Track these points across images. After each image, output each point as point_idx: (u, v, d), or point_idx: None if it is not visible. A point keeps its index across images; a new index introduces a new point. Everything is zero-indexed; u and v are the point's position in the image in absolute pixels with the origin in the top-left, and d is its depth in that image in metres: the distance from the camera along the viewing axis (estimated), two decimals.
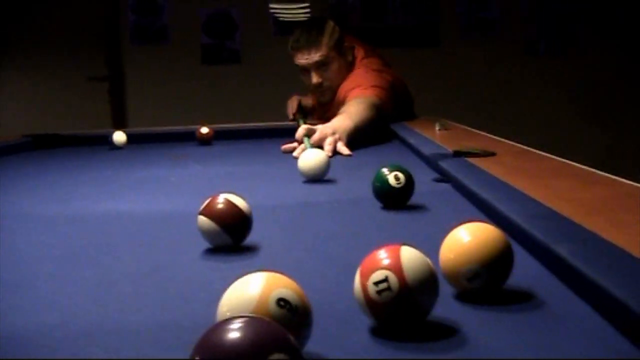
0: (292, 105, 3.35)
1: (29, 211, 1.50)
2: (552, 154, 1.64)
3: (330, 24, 2.95)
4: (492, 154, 1.67)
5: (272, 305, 0.59)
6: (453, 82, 4.81)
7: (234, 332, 0.49)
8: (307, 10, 4.85)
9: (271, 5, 4.87)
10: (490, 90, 4.82)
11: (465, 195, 1.35)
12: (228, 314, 0.61)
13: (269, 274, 0.62)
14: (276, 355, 0.48)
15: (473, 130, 2.48)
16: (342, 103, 2.77)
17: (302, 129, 2.31)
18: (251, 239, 1.09)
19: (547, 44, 4.83)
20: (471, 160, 1.58)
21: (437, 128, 2.48)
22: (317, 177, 1.72)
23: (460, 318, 0.73)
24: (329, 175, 1.73)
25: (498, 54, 4.83)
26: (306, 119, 3.00)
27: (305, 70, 2.93)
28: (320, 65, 2.88)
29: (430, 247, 0.76)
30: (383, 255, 0.69)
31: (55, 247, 1.16)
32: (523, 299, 0.78)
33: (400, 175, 1.33)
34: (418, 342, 0.67)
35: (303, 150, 2.20)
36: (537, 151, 1.71)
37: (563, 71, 4.81)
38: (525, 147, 1.79)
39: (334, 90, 2.90)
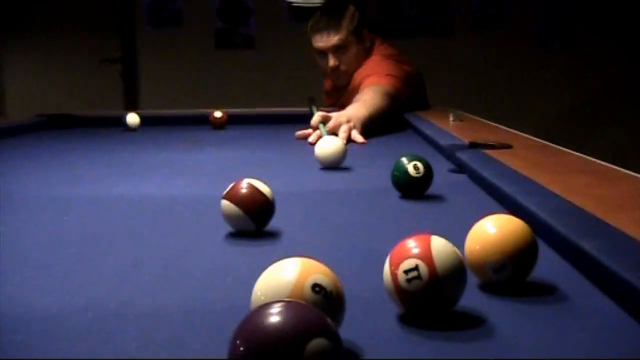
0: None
1: (48, 192, 1.52)
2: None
3: (352, 8, 2.95)
4: (509, 147, 1.68)
5: (308, 291, 0.60)
6: (465, 74, 4.80)
7: (276, 317, 0.50)
8: None
9: None
10: (501, 82, 4.82)
11: (483, 187, 1.36)
12: (262, 298, 0.62)
13: (304, 259, 0.63)
14: (317, 340, 0.49)
15: (487, 121, 2.48)
16: (356, 89, 2.77)
17: (318, 115, 2.31)
18: (273, 224, 1.10)
19: (561, 39, 4.82)
20: (488, 152, 1.59)
21: (451, 119, 2.48)
22: (334, 165, 1.73)
23: (485, 308, 0.74)
24: (345, 164, 1.74)
25: (510, 46, 4.82)
26: (318, 106, 3.01)
27: (323, 53, 2.93)
28: (338, 49, 2.88)
29: (451, 237, 0.77)
30: (413, 245, 0.70)
31: (78, 229, 1.18)
32: (546, 292, 0.79)
33: (420, 165, 1.34)
34: (444, 331, 0.69)
35: (319, 136, 2.21)
36: (554, 145, 1.72)
37: (575, 66, 4.80)
38: (541, 141, 1.80)
39: (350, 74, 2.91)
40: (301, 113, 3.01)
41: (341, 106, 2.83)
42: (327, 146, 1.74)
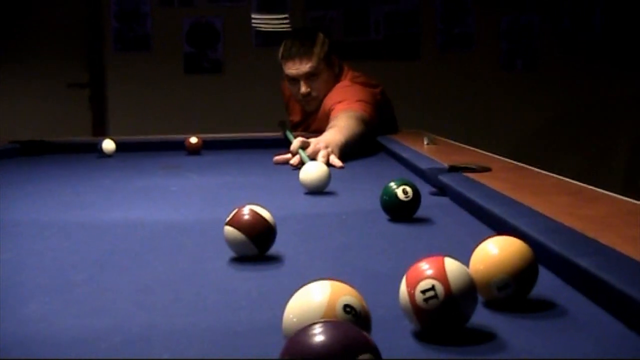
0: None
1: (40, 218, 1.53)
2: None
3: (321, 35, 3.01)
4: (488, 170, 1.74)
5: (340, 311, 0.64)
6: (432, 95, 4.91)
7: (324, 335, 0.54)
8: (287, 22, 4.92)
9: (253, 17, 4.93)
10: (467, 103, 4.93)
11: (467, 209, 1.42)
12: (295, 320, 0.66)
13: (332, 282, 0.67)
14: (364, 355, 0.54)
15: (460, 144, 2.55)
16: (327, 114, 2.83)
17: (297, 141, 2.35)
18: (272, 248, 1.14)
19: (523, 60, 4.96)
20: (469, 175, 1.65)
21: (425, 142, 2.55)
22: (319, 189, 1.77)
23: (492, 324, 0.79)
24: (329, 188, 1.78)
25: (475, 68, 4.94)
26: (290, 130, 3.06)
27: (294, 79, 2.98)
28: (309, 76, 2.94)
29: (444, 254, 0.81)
30: (428, 266, 0.75)
31: (81, 254, 1.20)
32: (547, 307, 0.84)
33: (409, 189, 1.39)
34: (458, 346, 0.73)
35: (299, 161, 2.26)
36: (531, 167, 1.79)
37: (536, 86, 4.94)
38: (517, 163, 1.87)
39: (320, 100, 2.97)
40: (274, 137, 3.06)
41: (311, 131, 2.90)
42: (312, 171, 1.79)
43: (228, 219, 1.12)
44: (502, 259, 0.83)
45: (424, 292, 0.73)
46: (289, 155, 2.37)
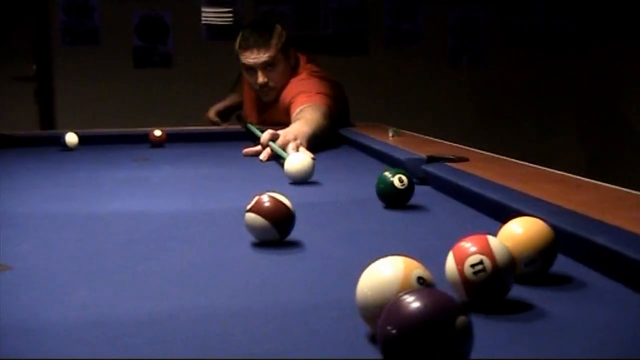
0: (215, 109, 3.45)
1: (40, 210, 1.55)
2: None
3: (278, 27, 3.07)
4: (466, 160, 1.83)
5: (414, 283, 0.72)
6: (380, 89, 5.02)
7: (424, 301, 0.62)
8: (234, 16, 4.94)
9: (203, 10, 4.94)
10: (415, 97, 5.06)
11: (457, 196, 1.51)
12: (369, 293, 0.73)
13: (404, 258, 0.74)
14: (461, 317, 0.61)
15: (424, 136, 2.65)
16: (285, 106, 2.90)
17: (267, 133, 2.40)
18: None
19: (469, 55, 5.13)
20: (450, 165, 1.74)
21: (390, 134, 2.64)
22: (304, 180, 1.84)
23: (523, 295, 0.87)
24: (318, 177, 1.85)
25: (422, 63, 5.08)
26: (248, 122, 3.10)
27: (252, 69, 3.03)
28: (267, 66, 2.99)
29: (450, 239, 0.90)
30: (475, 243, 0.83)
31: (99, 244, 1.24)
32: (565, 281, 0.93)
33: (404, 178, 1.47)
34: (502, 314, 0.81)
35: (269, 154, 2.32)
36: (505, 157, 1.89)
37: (482, 80, 5.12)
38: (491, 154, 1.97)
39: (278, 91, 3.02)
40: (235, 131, 3.11)
41: (267, 124, 2.96)
42: (298, 162, 1.85)
43: (249, 206, 1.18)
44: (530, 237, 0.92)
45: (473, 266, 0.81)
46: (258, 148, 2.42)
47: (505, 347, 0.73)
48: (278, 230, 1.17)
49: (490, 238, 0.84)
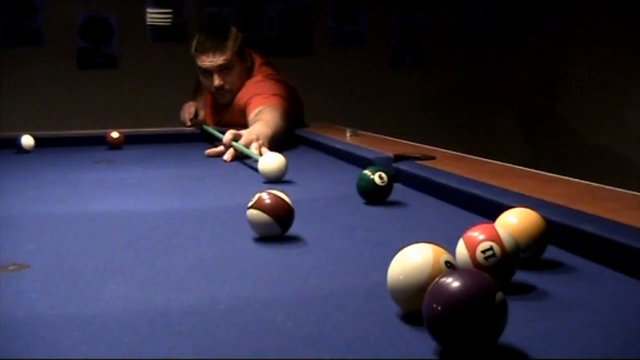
0: (189, 111, 3.44)
1: (35, 211, 1.58)
2: None
3: (234, 30, 3.13)
4: (432, 158, 1.93)
5: (443, 266, 0.80)
6: (325, 90, 5.11)
7: (467, 279, 0.70)
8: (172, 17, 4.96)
9: (148, 12, 4.94)
10: (359, 98, 5.17)
11: (431, 192, 1.61)
12: (402, 277, 0.81)
13: (432, 245, 0.83)
14: (499, 293, 0.70)
15: (381, 136, 2.74)
16: (241, 107, 2.96)
17: (230, 134, 2.45)
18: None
19: (411, 56, 5.27)
20: (420, 163, 1.84)
21: (348, 134, 2.73)
22: (278, 179, 1.90)
23: (522, 278, 0.97)
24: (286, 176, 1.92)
25: (366, 64, 5.20)
26: (205, 123, 3.14)
27: (207, 72, 3.07)
28: (223, 69, 3.04)
29: (434, 230, 0.98)
30: (484, 231, 0.92)
31: (108, 242, 1.28)
32: (555, 265, 1.03)
33: (384, 175, 1.56)
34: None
35: (233, 154, 2.38)
36: (470, 156, 2.00)
37: (423, 80, 5.28)
38: (456, 153, 2.07)
39: (234, 93, 3.08)
40: (191, 132, 3.15)
41: (222, 125, 3.01)
42: (272, 161, 1.92)
43: (251, 203, 1.25)
44: (526, 226, 1.01)
45: (484, 251, 0.90)
46: (221, 148, 2.47)
47: (512, 322, 0.81)
48: (280, 225, 1.24)
49: (498, 227, 0.93)
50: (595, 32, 4.82)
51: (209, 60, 3.03)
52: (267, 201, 1.24)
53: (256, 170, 2.03)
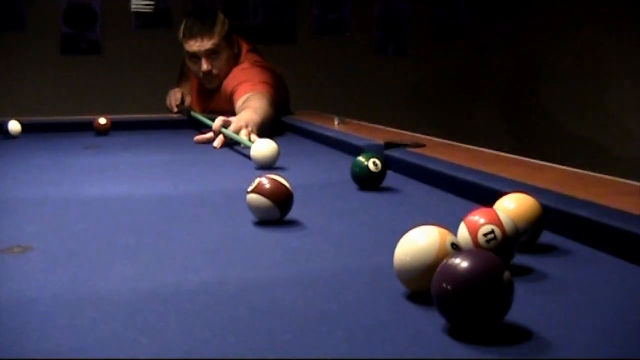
0: (175, 98, 3.43)
1: (32, 195, 1.59)
2: None
3: (221, 15, 3.14)
4: (423, 145, 1.96)
5: (449, 248, 0.83)
6: (309, 77, 5.13)
7: (476, 259, 0.73)
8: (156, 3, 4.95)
9: None
10: (343, 85, 5.20)
11: (427, 180, 1.63)
12: (408, 259, 0.84)
13: (438, 227, 0.86)
14: (506, 272, 0.73)
15: (367, 124, 2.77)
16: (228, 94, 2.97)
17: (220, 120, 2.47)
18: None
19: (395, 45, 5.31)
20: (411, 150, 1.87)
21: (336, 122, 2.75)
22: (270, 165, 1.92)
23: (521, 261, 1.00)
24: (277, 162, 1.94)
25: (350, 52, 5.22)
26: (192, 110, 3.15)
27: (195, 57, 3.08)
28: (211, 54, 3.05)
29: (429, 215, 1.02)
30: (485, 216, 0.95)
31: (110, 225, 1.30)
32: (551, 249, 1.07)
33: (378, 162, 1.59)
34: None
35: (223, 141, 2.39)
36: (459, 144, 2.03)
37: (407, 69, 5.31)
38: (446, 141, 2.11)
39: (221, 78, 3.09)
40: (174, 119, 3.16)
41: (209, 111, 3.02)
42: (265, 148, 1.94)
43: (251, 188, 1.27)
44: (523, 211, 1.05)
45: (485, 235, 0.93)
46: (210, 135, 2.48)
47: (514, 302, 0.84)
48: (280, 209, 1.26)
49: (498, 211, 0.96)
50: (577, 22, 4.89)
51: (197, 45, 3.04)
52: (268, 186, 1.26)
53: (247, 156, 2.05)
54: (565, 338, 0.74)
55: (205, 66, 3.06)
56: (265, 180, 1.28)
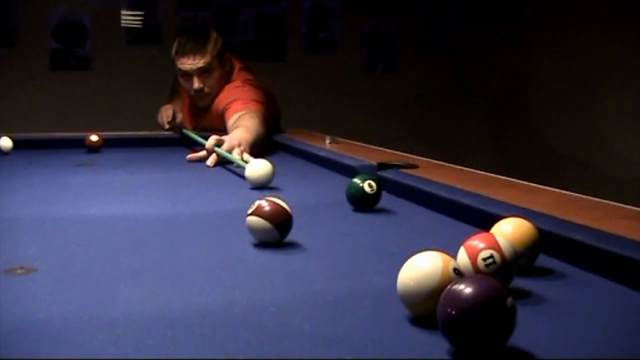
0: (167, 114, 3.43)
1: (30, 214, 1.60)
2: None
3: (214, 33, 3.16)
4: (415, 166, 1.99)
5: (451, 273, 0.86)
6: (298, 95, 5.17)
7: (480, 285, 0.75)
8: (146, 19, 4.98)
9: (123, 14, 4.94)
10: (332, 103, 5.24)
11: (421, 201, 1.66)
12: (412, 284, 0.86)
13: (440, 252, 0.88)
14: (509, 298, 0.76)
15: (360, 143, 2.80)
16: (219, 112, 3.00)
17: (213, 139, 2.49)
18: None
19: (383, 63, 5.36)
20: (405, 171, 1.90)
21: (327, 141, 2.78)
22: (265, 185, 1.95)
23: (518, 284, 1.03)
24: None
25: (338, 70, 5.27)
26: (183, 128, 3.17)
27: (187, 75, 3.10)
28: (203, 72, 3.07)
29: (426, 237, 1.05)
30: (484, 240, 0.97)
31: (109, 245, 1.31)
32: (549, 272, 1.10)
33: (373, 183, 1.61)
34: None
35: (216, 159, 2.41)
36: (452, 165, 2.06)
37: (395, 87, 5.37)
38: (438, 162, 2.14)
39: (213, 96, 3.11)
40: (166, 136, 3.17)
41: (200, 129, 3.05)
42: (259, 168, 1.96)
43: (251, 210, 1.29)
44: (521, 235, 1.08)
45: (485, 259, 0.96)
46: (203, 153, 2.50)
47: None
48: (279, 231, 1.28)
49: (497, 235, 0.99)
50: (562, 38, 4.96)
51: (189, 63, 3.06)
52: (267, 208, 1.29)
53: (240, 175, 2.07)
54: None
55: (197, 84, 3.08)
56: (264, 203, 1.30)
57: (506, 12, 5.40)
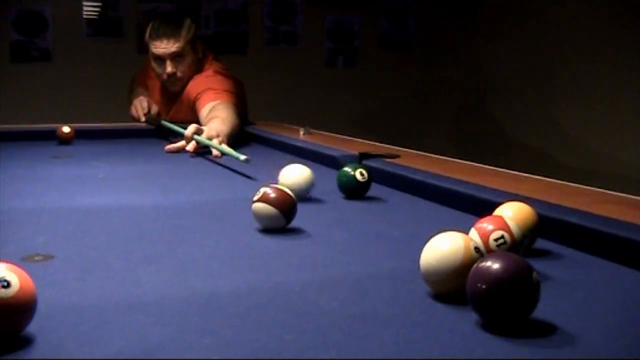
0: (142, 106, 3.39)
1: (28, 205, 1.60)
2: None
3: (188, 20, 3.19)
4: (397, 156, 2.05)
5: (473, 252, 0.91)
6: (260, 88, 5.19)
7: (508, 261, 0.81)
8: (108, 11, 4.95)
9: (84, 5, 4.89)
10: (293, 96, 5.27)
11: (408, 189, 1.72)
12: (434, 263, 0.92)
13: (461, 233, 0.94)
14: (534, 273, 0.82)
15: (333, 134, 2.85)
16: (191, 101, 3.03)
17: (192, 127, 2.52)
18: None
19: (344, 57, 5.42)
20: (391, 161, 1.95)
21: (301, 133, 2.82)
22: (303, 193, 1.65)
23: None
24: (251, 172, 2.00)
25: (300, 64, 5.31)
26: (161, 118, 3.17)
27: (160, 59, 3.12)
28: (175, 56, 3.10)
29: (420, 223, 1.10)
30: (495, 222, 1.04)
31: (117, 235, 1.34)
32: (545, 253, 1.16)
33: (364, 172, 1.67)
34: None
35: (195, 147, 2.44)
36: (432, 155, 2.13)
37: (356, 80, 5.43)
38: (418, 152, 2.20)
39: (184, 82, 3.15)
40: (137, 128, 3.17)
41: (170, 118, 3.07)
42: (298, 174, 1.66)
43: (257, 197, 1.33)
44: (523, 218, 1.14)
45: (496, 240, 1.02)
46: (182, 143, 2.53)
47: None
48: (285, 217, 1.33)
49: (506, 218, 1.05)
50: (522, 32, 5.08)
51: (162, 47, 3.09)
52: (273, 195, 1.33)
53: (220, 164, 2.11)
54: (584, 332, 0.83)
55: (169, 68, 3.11)
56: (269, 190, 1.34)
57: (466, 6, 5.50)
